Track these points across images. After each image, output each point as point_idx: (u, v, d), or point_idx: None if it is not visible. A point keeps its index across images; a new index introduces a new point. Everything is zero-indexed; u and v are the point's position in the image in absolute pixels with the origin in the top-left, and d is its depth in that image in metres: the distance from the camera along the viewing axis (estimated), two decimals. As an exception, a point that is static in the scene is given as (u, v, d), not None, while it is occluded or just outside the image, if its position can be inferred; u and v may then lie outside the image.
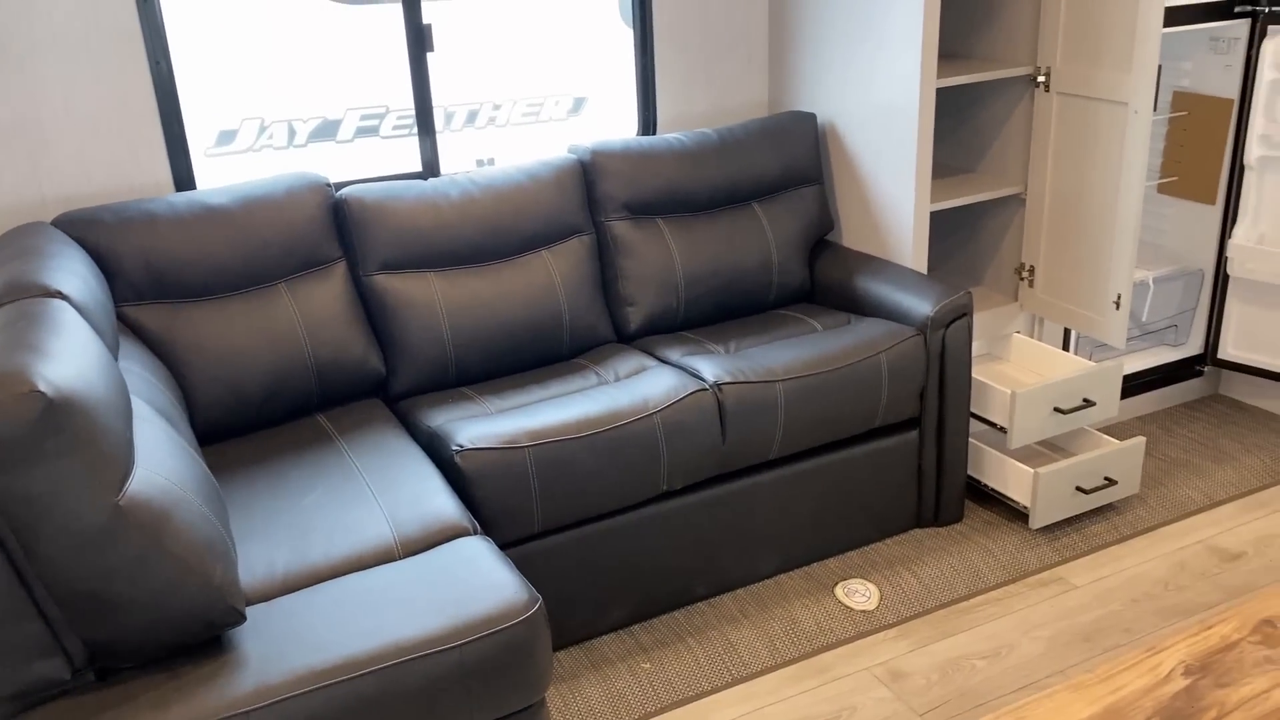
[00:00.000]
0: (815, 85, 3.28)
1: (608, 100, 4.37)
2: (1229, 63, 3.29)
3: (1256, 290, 3.39)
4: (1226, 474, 3.22)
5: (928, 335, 2.83)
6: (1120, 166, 2.89)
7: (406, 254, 2.73)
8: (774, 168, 3.17)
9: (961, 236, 3.49)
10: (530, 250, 2.89)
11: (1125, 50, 2.79)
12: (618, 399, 2.54)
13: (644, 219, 3.03)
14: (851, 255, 3.18)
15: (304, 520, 2.15)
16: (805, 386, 2.67)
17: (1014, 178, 3.24)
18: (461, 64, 4.16)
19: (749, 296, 3.12)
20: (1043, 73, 3.05)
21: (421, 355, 2.73)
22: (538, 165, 2.96)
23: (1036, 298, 3.26)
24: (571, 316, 2.88)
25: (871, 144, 3.10)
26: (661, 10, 3.26)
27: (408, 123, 3.98)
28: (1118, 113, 2.86)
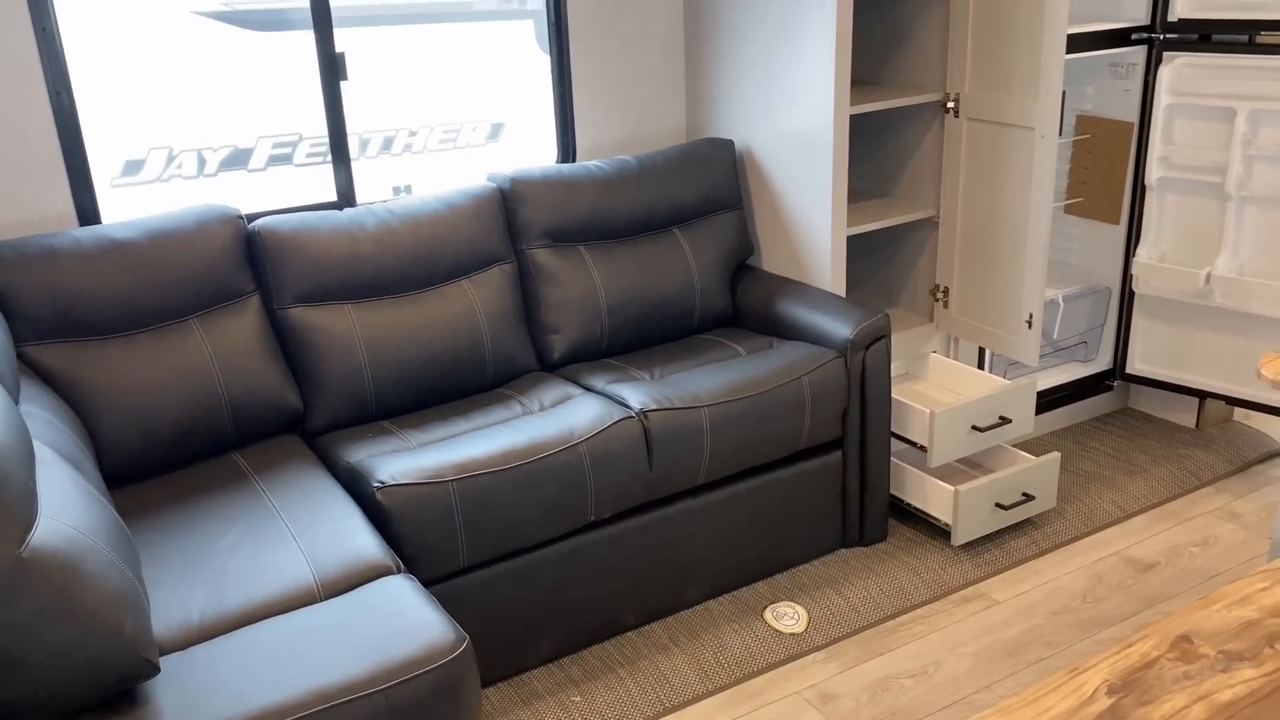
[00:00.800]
0: (732, 112, 3.31)
1: (526, 126, 4.36)
2: (1128, 87, 3.41)
3: (1160, 306, 3.51)
4: (1138, 486, 3.31)
5: (848, 358, 2.86)
6: (1028, 189, 2.97)
7: (322, 286, 2.68)
8: (694, 194, 3.19)
9: (878, 259, 3.55)
10: (450, 280, 2.86)
11: (1030, 77, 2.88)
12: (543, 429, 2.52)
13: (566, 246, 3.02)
14: (772, 279, 3.21)
15: (220, 564, 2.08)
16: (731, 411, 2.68)
17: (927, 201, 3.31)
18: (376, 90, 4.11)
19: (673, 322, 3.12)
20: (952, 99, 3.12)
21: (340, 389, 2.67)
22: (456, 194, 2.93)
23: (951, 318, 3.33)
24: (494, 346, 2.85)
25: (789, 170, 3.14)
26: (578, 38, 3.26)
27: (322, 150, 3.92)
28: (1025, 137, 2.94)
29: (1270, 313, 3.24)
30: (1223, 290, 3.30)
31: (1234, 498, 3.27)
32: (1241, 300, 3.28)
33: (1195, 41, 3.24)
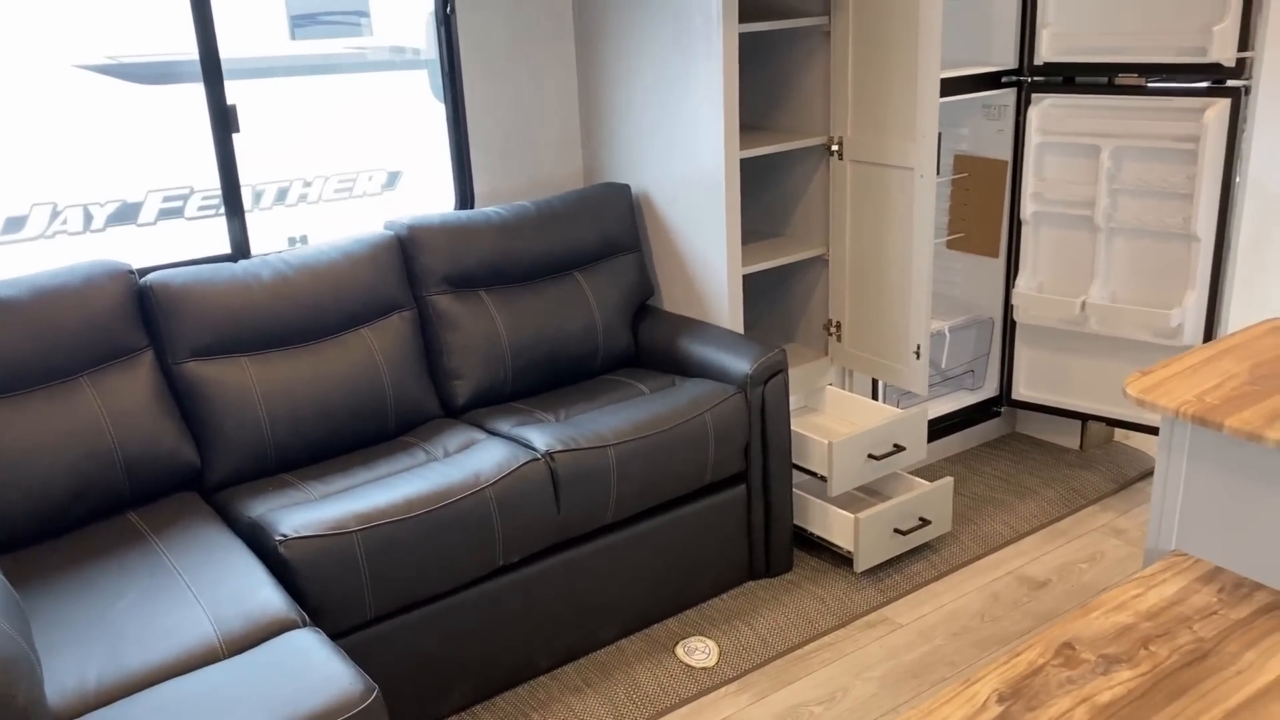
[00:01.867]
0: (628, 158, 3.38)
1: (423, 174, 4.37)
2: (1001, 128, 3.59)
3: (1040, 334, 3.68)
4: (1028, 507, 3.45)
5: (748, 392, 2.93)
6: (910, 226, 3.10)
7: (218, 339, 2.64)
8: (593, 237, 3.24)
9: (774, 296, 3.65)
10: (349, 329, 2.84)
11: (908, 120, 3.02)
12: (448, 475, 2.52)
13: (466, 292, 3.03)
14: (673, 318, 3.27)
15: (117, 627, 2.02)
16: (637, 449, 2.72)
17: (817, 240, 3.42)
18: (270, 141, 4.08)
19: (576, 363, 3.16)
20: (836, 142, 3.25)
21: (238, 443, 2.63)
22: (353, 242, 2.93)
23: (845, 351, 3.44)
24: (396, 394, 2.84)
25: (684, 212, 3.22)
26: (472, 86, 3.30)
27: (214, 202, 3.87)
28: (905, 177, 3.07)
29: (1141, 336, 3.43)
30: (1097, 317, 3.48)
31: (1117, 514, 3.43)
32: (1114, 326, 3.46)
33: (1060, 83, 3.43)
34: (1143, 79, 3.29)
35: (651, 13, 3.13)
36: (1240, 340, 2.04)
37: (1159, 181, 3.30)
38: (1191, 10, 3.13)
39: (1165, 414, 1.78)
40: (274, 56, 3.93)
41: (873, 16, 3.03)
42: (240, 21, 3.98)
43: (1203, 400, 1.77)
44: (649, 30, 3.15)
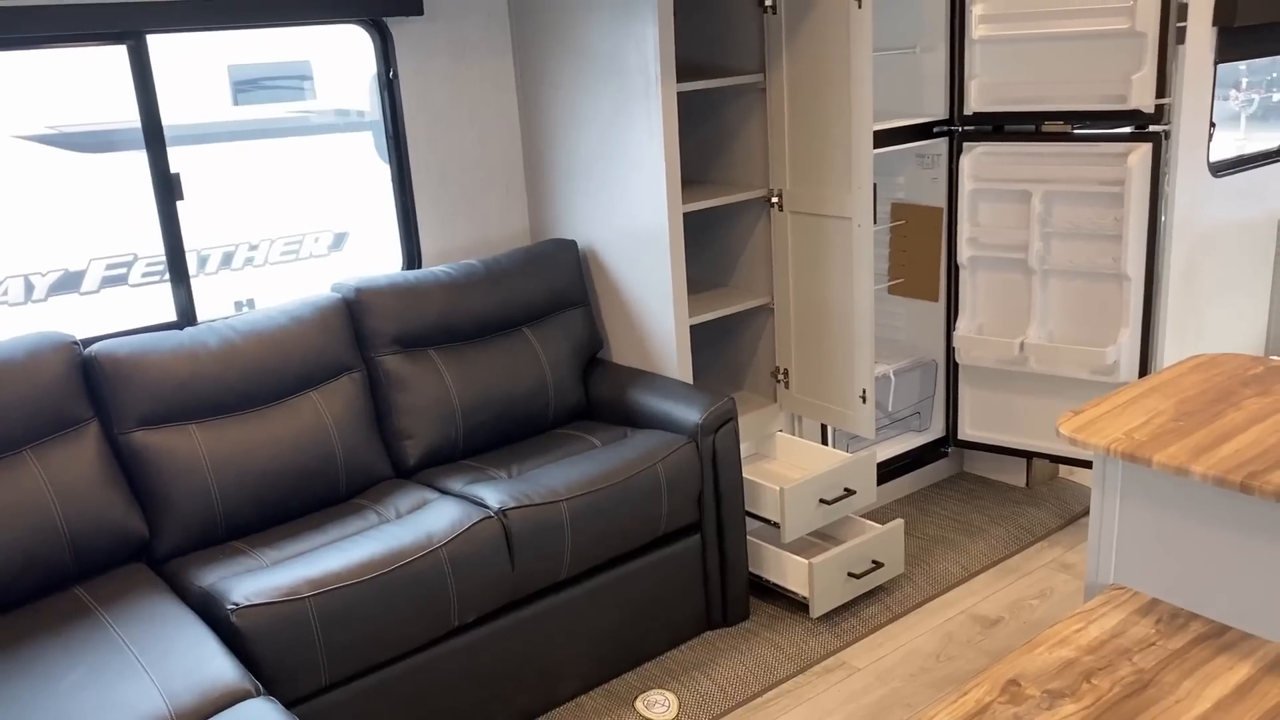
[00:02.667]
0: (574, 214, 3.43)
1: (370, 235, 4.38)
2: (935, 176, 3.70)
3: (983, 375, 3.77)
4: (978, 546, 3.50)
5: (699, 442, 2.96)
6: (851, 274, 3.17)
7: (165, 408, 2.63)
8: (541, 293, 3.27)
9: (721, 345, 3.70)
10: (298, 392, 2.84)
11: (844, 172, 3.10)
12: (400, 536, 2.51)
13: (416, 351, 3.04)
14: (623, 371, 3.31)
15: (64, 705, 1.99)
16: (590, 503, 2.73)
17: (761, 289, 3.48)
18: (215, 206, 4.07)
19: (528, 419, 3.17)
20: (776, 194, 3.32)
21: (187, 512, 2.60)
22: (301, 306, 2.93)
23: (793, 398, 3.49)
24: (346, 456, 2.84)
25: (630, 266, 3.27)
26: (417, 147, 3.34)
27: (159, 268, 3.85)
28: (843, 227, 3.15)
29: (1080, 374, 3.52)
30: (1036, 357, 3.57)
31: (1065, 549, 3.49)
32: (1053, 365, 3.55)
33: (990, 132, 3.55)
34: (1068, 126, 3.41)
35: (593, 74, 3.20)
36: (1166, 378, 2.11)
37: (1088, 224, 3.41)
38: (1111, 60, 3.26)
39: (1097, 452, 1.84)
40: (217, 122, 3.94)
41: (806, 73, 3.12)
42: (183, 88, 3.99)
43: (1132, 437, 1.83)
44: (591, 90, 3.22)
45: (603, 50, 3.13)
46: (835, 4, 2.98)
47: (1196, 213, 4.30)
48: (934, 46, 3.57)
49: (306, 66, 4.18)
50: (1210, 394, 2.01)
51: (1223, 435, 1.82)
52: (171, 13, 2.77)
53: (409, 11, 3.14)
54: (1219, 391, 2.02)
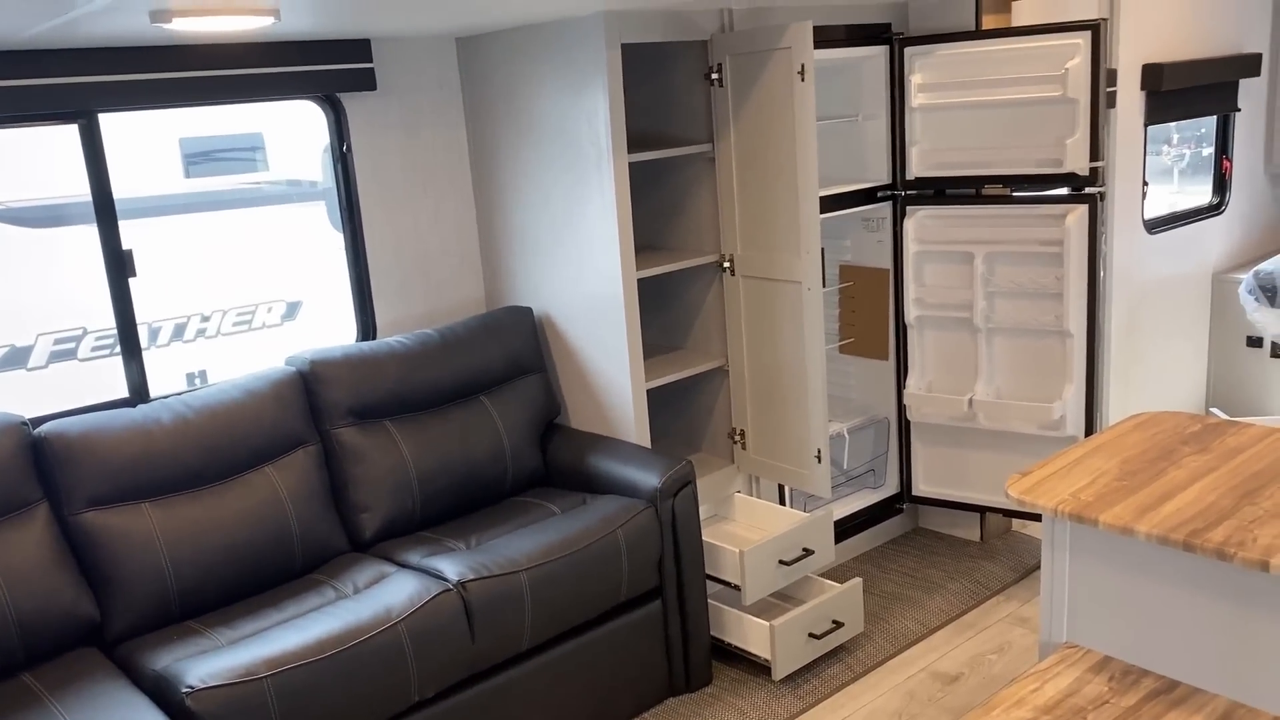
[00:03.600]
0: (529, 281, 3.47)
1: (325, 303, 4.37)
2: (880, 238, 3.79)
3: (934, 431, 3.83)
4: (936, 602, 3.53)
5: (659, 506, 2.97)
6: (802, 336, 3.23)
7: (117, 487, 2.59)
8: (497, 360, 3.29)
9: (678, 407, 3.73)
10: (252, 468, 2.82)
11: (793, 237, 3.17)
12: (359, 612, 2.49)
13: (372, 423, 3.04)
14: (581, 436, 3.32)
15: (12, 800, 1.93)
16: (550, 572, 2.73)
17: (716, 352, 3.53)
18: (166, 278, 4.06)
19: (486, 487, 3.17)
20: (727, 259, 3.39)
21: (140, 592, 2.56)
22: (255, 380, 2.92)
23: (750, 458, 3.52)
24: (302, 531, 2.81)
25: (587, 332, 3.30)
26: (371, 218, 3.36)
27: (109, 342, 3.82)
28: (794, 290, 3.21)
29: (1027, 429, 3.59)
30: (984, 413, 3.64)
31: (1021, 603, 3.53)
32: (1001, 420, 3.63)
33: (932, 196, 3.65)
34: (1007, 189, 3.52)
35: (546, 145, 3.25)
36: (1110, 437, 2.18)
37: (1030, 283, 3.51)
38: (1046, 125, 3.38)
39: (1045, 513, 1.89)
40: (169, 194, 3.94)
41: (753, 143, 3.20)
42: (134, 161, 3.99)
43: (1078, 498, 1.88)
44: (544, 161, 3.27)
45: (555, 122, 3.19)
46: (779, 76, 3.07)
47: (1134, 269, 4.44)
48: (875, 114, 3.67)
49: (258, 138, 4.20)
50: (1152, 453, 2.07)
51: (1165, 494, 1.87)
52: (125, 92, 2.78)
53: (363, 87, 3.19)
54: (1160, 450, 2.08)
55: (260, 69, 2.99)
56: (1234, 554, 1.67)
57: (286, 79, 3.04)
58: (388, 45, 3.28)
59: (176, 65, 2.84)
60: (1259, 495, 1.86)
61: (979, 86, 3.46)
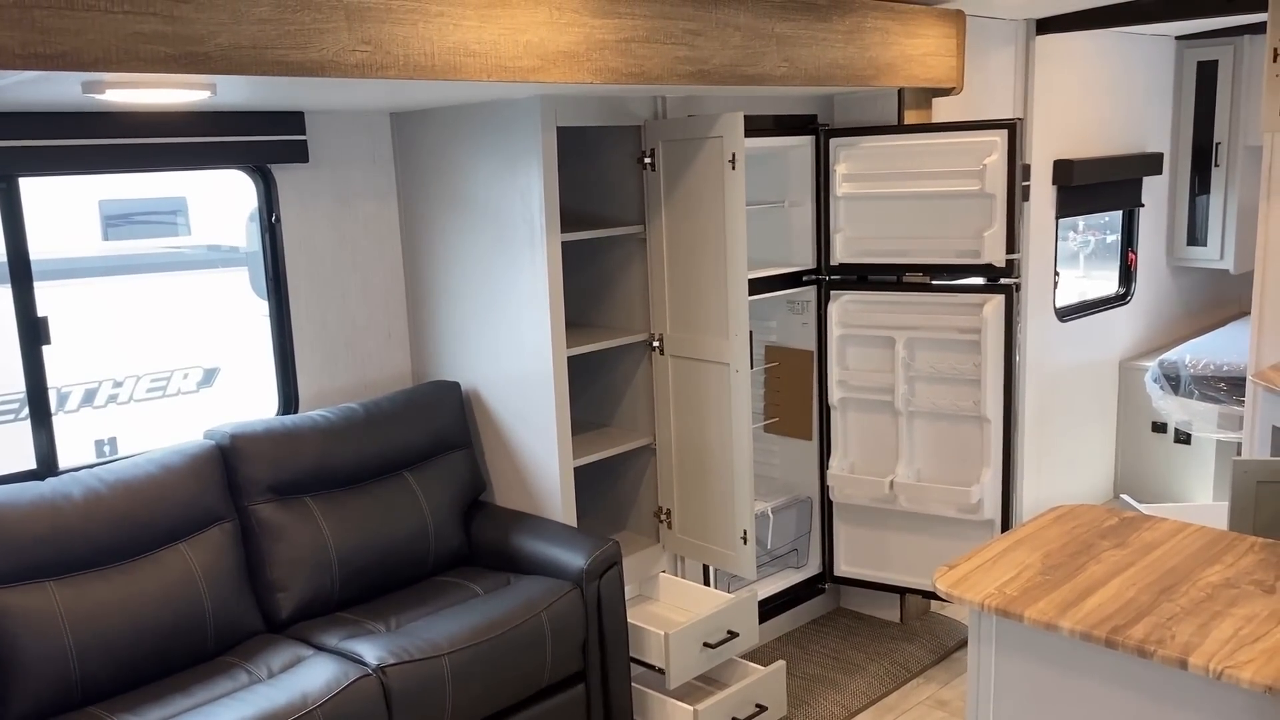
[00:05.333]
0: (457, 357, 3.44)
1: (243, 371, 4.28)
2: (805, 321, 3.86)
3: (856, 512, 3.88)
4: (857, 684, 3.55)
5: (584, 588, 2.95)
6: (729, 417, 3.26)
7: (19, 566, 2.47)
8: (422, 436, 3.24)
9: (605, 484, 3.72)
10: (165, 545, 2.72)
11: (721, 320, 3.21)
12: (273, 698, 2.40)
13: (291, 499, 2.96)
14: (506, 514, 3.28)
15: None
16: (472, 656, 2.67)
17: (644, 430, 3.54)
18: (78, 342, 3.94)
19: (408, 566, 3.10)
20: (657, 339, 3.41)
21: (39, 677, 2.43)
22: (171, 454, 2.83)
23: (676, 538, 3.51)
24: (215, 610, 2.71)
25: (514, 408, 3.28)
26: (297, 289, 3.31)
27: (14, 406, 3.69)
28: (721, 371, 3.25)
29: (945, 512, 3.66)
30: (905, 495, 3.70)
31: (940, 685, 3.56)
32: (921, 503, 3.69)
33: (855, 281, 3.74)
34: (928, 277, 3.63)
35: (478, 221, 3.26)
36: (1031, 530, 2.23)
37: (949, 369, 3.61)
38: (965, 218, 3.51)
39: (972, 607, 1.92)
40: (86, 257, 3.85)
41: (683, 226, 3.25)
42: (51, 222, 3.89)
43: (1003, 592, 1.92)
44: (476, 237, 3.28)
45: (489, 199, 3.21)
46: (710, 162, 3.14)
47: (1046, 357, 4.60)
48: (801, 201, 3.77)
49: (181, 202, 4.13)
50: (1072, 546, 2.13)
51: (1086, 589, 1.92)
52: (49, 157, 2.72)
53: (294, 159, 3.17)
54: (1080, 544, 2.14)
55: (190, 138, 2.95)
56: (1154, 651, 1.71)
57: (217, 149, 3.01)
58: (321, 118, 3.27)
59: (103, 131, 2.79)
60: (1175, 591, 1.92)
61: (901, 178, 3.58)
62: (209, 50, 2.00)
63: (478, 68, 2.37)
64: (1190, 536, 2.17)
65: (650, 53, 2.72)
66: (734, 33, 2.92)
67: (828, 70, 3.21)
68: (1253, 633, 1.76)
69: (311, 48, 2.12)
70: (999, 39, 4.13)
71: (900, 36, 3.45)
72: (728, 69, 2.93)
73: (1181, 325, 5.52)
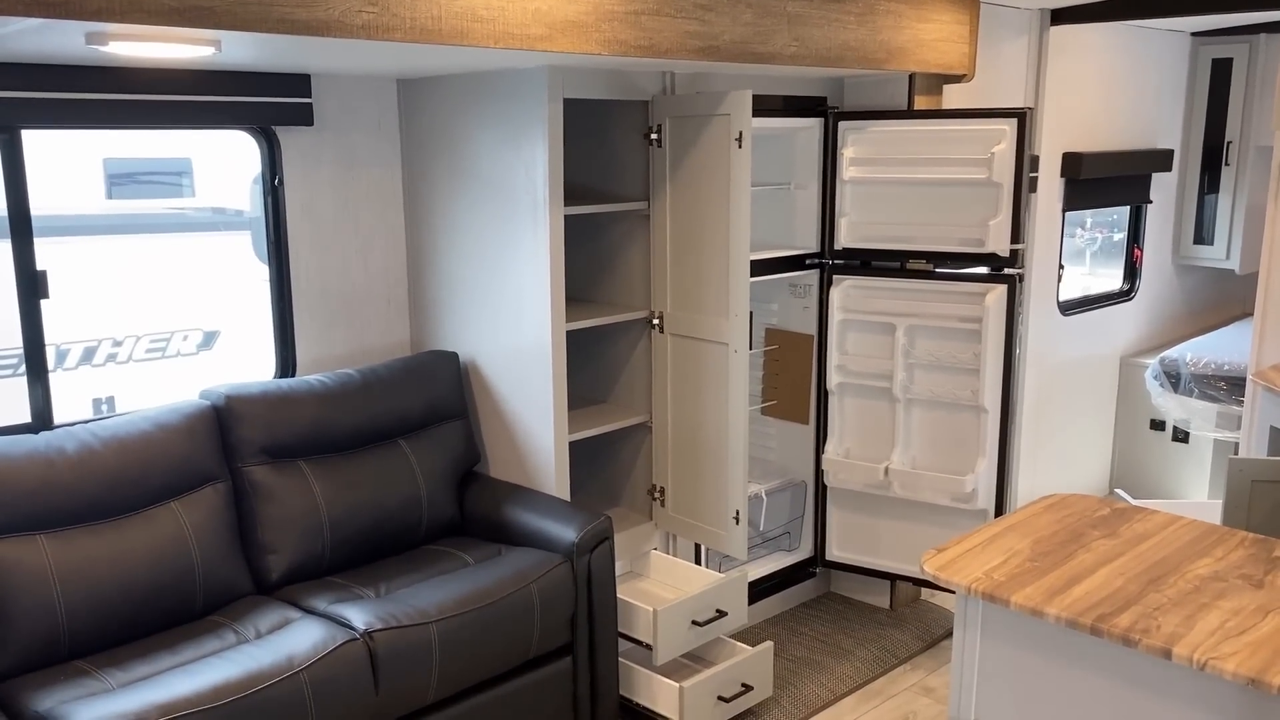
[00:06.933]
0: (456, 327, 3.44)
1: (243, 334, 4.28)
2: (807, 305, 3.85)
3: (849, 497, 3.88)
4: (844, 668, 3.55)
5: (574, 561, 2.95)
6: (726, 398, 3.25)
7: (10, 518, 2.48)
8: (419, 405, 3.24)
9: (600, 461, 3.72)
10: (158, 502, 2.72)
11: (722, 300, 3.20)
12: (259, 658, 2.41)
13: (285, 462, 2.96)
14: (499, 485, 3.28)
15: None
16: (460, 624, 2.67)
17: (640, 407, 3.53)
18: (79, 299, 3.94)
19: (399, 534, 3.10)
20: (657, 316, 3.40)
21: (26, 629, 2.44)
22: (166, 412, 2.83)
23: (668, 516, 3.51)
24: (205, 570, 2.72)
25: (512, 381, 3.28)
26: (298, 253, 3.30)
27: (12, 363, 3.69)
28: (720, 351, 3.24)
29: (939, 500, 3.66)
30: (899, 482, 3.70)
31: (927, 673, 3.57)
32: (915, 490, 3.69)
33: (858, 266, 3.73)
34: (930, 265, 3.62)
35: (482, 191, 3.25)
36: (1022, 517, 2.23)
37: (949, 357, 3.60)
38: (970, 206, 3.49)
39: (959, 591, 1.92)
40: (88, 214, 3.84)
41: (688, 204, 3.24)
42: (54, 178, 3.88)
43: (991, 577, 1.91)
44: (479, 207, 3.27)
45: (493, 169, 3.19)
46: (717, 141, 3.12)
47: (1047, 350, 4.58)
48: (807, 184, 3.75)
49: (186, 163, 4.11)
50: (1062, 535, 2.13)
51: (1074, 577, 1.92)
52: (52, 110, 2.71)
53: (299, 122, 3.15)
54: (1070, 533, 2.14)
55: (195, 96, 2.94)
56: (1139, 640, 1.71)
57: (221, 108, 2.99)
58: (327, 81, 3.26)
59: (108, 86, 2.78)
60: (1163, 582, 1.92)
61: (908, 164, 3.56)
62: (214, 5, 1.99)
63: (485, 33, 2.35)
64: (1181, 529, 2.17)
65: (660, 26, 2.70)
66: (745, 9, 2.90)
67: (839, 52, 3.19)
68: (1238, 625, 1.76)
69: (318, 6, 2.11)
70: (1013, 28, 4.10)
71: (913, 21, 3.42)
72: (738, 46, 2.91)
73: (1184, 324, 5.51)
